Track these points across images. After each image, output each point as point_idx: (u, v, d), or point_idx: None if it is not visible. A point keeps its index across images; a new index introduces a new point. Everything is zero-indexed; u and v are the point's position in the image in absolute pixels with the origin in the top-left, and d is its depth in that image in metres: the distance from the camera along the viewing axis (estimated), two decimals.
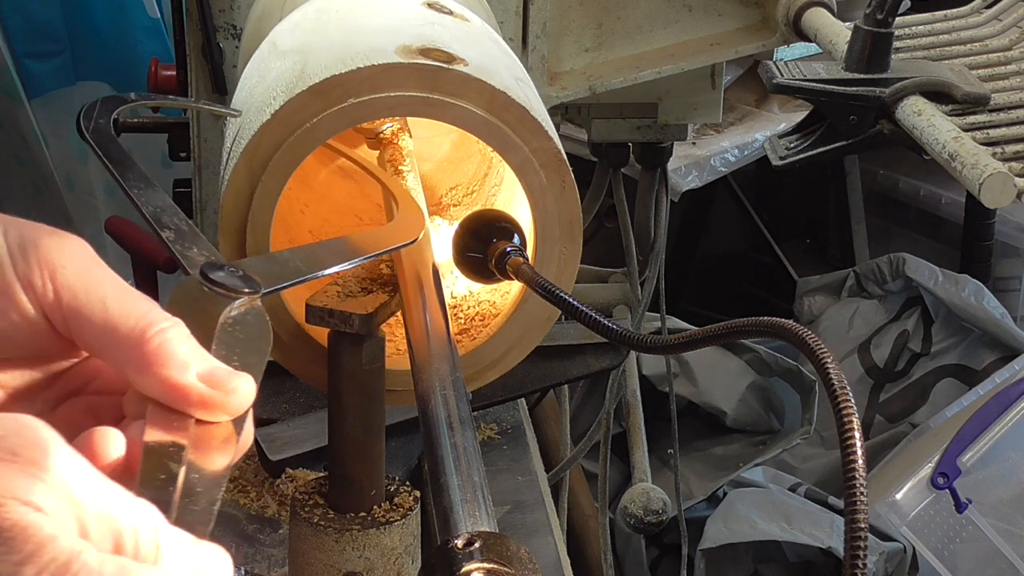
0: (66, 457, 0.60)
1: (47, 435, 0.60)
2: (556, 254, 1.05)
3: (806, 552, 2.70)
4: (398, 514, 1.12)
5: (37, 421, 0.60)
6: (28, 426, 0.60)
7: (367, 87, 0.97)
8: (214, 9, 1.51)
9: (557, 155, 1.01)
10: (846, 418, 0.75)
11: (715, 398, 2.98)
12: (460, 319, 1.13)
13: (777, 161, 1.36)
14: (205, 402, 0.68)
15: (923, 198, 3.61)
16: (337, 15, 1.09)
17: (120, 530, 0.61)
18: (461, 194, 1.25)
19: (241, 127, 1.01)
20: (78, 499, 0.59)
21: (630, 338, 0.96)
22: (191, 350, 0.67)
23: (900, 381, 3.29)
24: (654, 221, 2.04)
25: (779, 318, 0.84)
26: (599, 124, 1.87)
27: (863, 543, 0.73)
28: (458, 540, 0.77)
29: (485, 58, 1.03)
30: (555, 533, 1.58)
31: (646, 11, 1.63)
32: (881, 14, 1.29)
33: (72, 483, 0.59)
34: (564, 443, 2.26)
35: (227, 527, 1.51)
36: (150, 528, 0.62)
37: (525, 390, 1.81)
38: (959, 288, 3.20)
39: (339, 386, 1.08)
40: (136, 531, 0.61)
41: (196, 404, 0.68)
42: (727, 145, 3.15)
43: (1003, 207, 1.38)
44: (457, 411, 0.89)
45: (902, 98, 1.27)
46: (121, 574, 0.59)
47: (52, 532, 0.58)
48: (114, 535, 0.60)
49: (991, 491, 2.77)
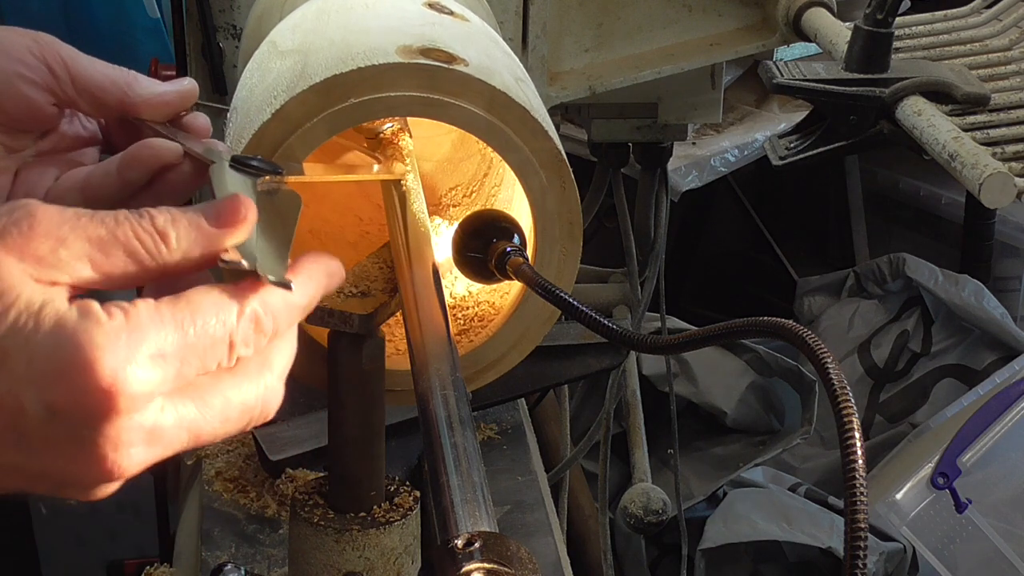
0: (52, 215, 0.72)
1: (32, 206, 0.72)
2: (556, 254, 1.05)
3: (806, 552, 2.70)
4: (398, 514, 1.12)
5: (24, 201, 0.73)
6: (15, 203, 0.72)
7: (367, 87, 0.97)
8: (214, 9, 1.51)
9: (557, 155, 1.01)
10: (846, 418, 0.75)
11: (715, 398, 2.98)
12: (460, 319, 1.13)
13: (777, 161, 1.36)
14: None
15: (923, 198, 3.61)
16: (337, 15, 1.09)
17: (121, 241, 0.73)
18: (461, 194, 1.25)
19: (241, 126, 1.01)
20: (72, 243, 0.72)
21: (630, 338, 0.96)
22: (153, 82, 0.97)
23: (900, 381, 3.29)
24: (654, 221, 2.04)
25: (779, 318, 0.84)
26: (599, 124, 1.86)
27: (863, 543, 0.73)
28: (458, 540, 0.77)
29: (485, 58, 1.03)
30: (555, 533, 1.58)
31: (646, 11, 1.63)
32: (881, 14, 1.29)
33: (62, 232, 0.72)
34: (564, 443, 2.26)
35: (227, 527, 1.51)
36: (147, 223, 0.74)
37: (525, 390, 1.81)
38: (959, 288, 3.20)
39: (339, 386, 1.08)
40: (136, 234, 0.73)
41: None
42: (727, 145, 3.14)
43: (1003, 207, 1.38)
44: (457, 411, 0.89)
45: (902, 98, 1.27)
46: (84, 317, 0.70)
47: (17, 281, 0.70)
48: (123, 249, 0.73)
49: (991, 491, 2.78)
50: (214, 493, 1.56)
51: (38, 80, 0.95)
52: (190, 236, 0.75)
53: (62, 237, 0.71)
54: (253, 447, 1.60)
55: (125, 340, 0.70)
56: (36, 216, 0.72)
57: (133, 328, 0.70)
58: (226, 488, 1.56)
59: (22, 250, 0.70)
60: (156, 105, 0.96)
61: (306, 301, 0.80)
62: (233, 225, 0.77)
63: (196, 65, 1.55)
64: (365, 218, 1.24)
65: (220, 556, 1.46)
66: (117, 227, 0.73)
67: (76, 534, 3.06)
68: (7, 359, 0.69)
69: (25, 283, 0.70)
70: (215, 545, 1.48)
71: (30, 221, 0.71)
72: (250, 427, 0.78)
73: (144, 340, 0.71)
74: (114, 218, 0.74)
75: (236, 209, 0.77)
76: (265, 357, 0.77)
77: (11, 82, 0.94)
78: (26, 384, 0.69)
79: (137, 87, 0.96)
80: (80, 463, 0.71)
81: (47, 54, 0.95)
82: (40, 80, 0.95)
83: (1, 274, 0.70)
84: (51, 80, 0.95)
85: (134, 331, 0.70)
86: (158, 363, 0.71)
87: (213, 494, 1.55)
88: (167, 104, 0.97)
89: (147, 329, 0.71)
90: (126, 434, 0.71)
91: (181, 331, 0.72)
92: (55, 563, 3.07)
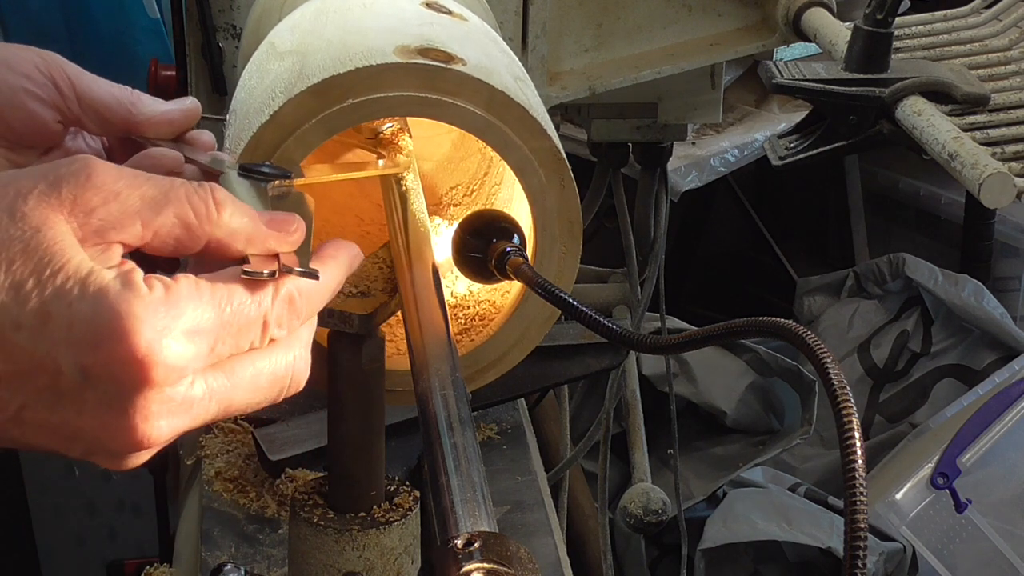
0: (110, 170, 0.75)
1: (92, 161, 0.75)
2: (556, 252, 1.05)
3: (806, 552, 2.70)
4: (398, 514, 1.12)
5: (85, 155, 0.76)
6: (76, 157, 0.75)
7: (365, 87, 0.97)
8: (214, 9, 1.51)
9: (556, 154, 1.01)
10: (846, 418, 0.75)
11: (715, 398, 2.98)
12: (460, 319, 1.13)
13: (777, 161, 1.36)
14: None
15: (923, 198, 3.61)
16: (335, 15, 1.09)
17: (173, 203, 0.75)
18: (461, 193, 1.25)
19: (240, 128, 1.01)
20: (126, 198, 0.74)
21: (630, 338, 0.96)
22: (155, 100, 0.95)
23: (900, 381, 3.29)
24: (654, 221, 2.04)
25: (779, 318, 0.84)
26: (599, 124, 1.86)
27: (863, 543, 0.73)
28: (458, 540, 0.77)
29: (484, 57, 1.02)
30: (555, 533, 1.58)
31: (646, 11, 1.63)
32: (881, 14, 1.29)
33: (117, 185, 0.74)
34: (564, 443, 2.26)
35: (227, 527, 1.51)
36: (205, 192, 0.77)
37: (525, 390, 1.81)
38: (959, 288, 3.20)
39: (339, 386, 1.08)
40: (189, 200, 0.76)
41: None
42: (727, 145, 3.14)
43: (1003, 207, 1.38)
44: (457, 411, 0.89)
45: (902, 98, 1.27)
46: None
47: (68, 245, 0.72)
48: (174, 211, 0.75)
49: (991, 491, 2.78)
50: (214, 493, 1.56)
51: (44, 97, 0.95)
52: (242, 221, 0.78)
53: (117, 191, 0.74)
54: (253, 447, 1.60)
55: (163, 313, 0.72)
56: (94, 169, 0.74)
57: (172, 302, 0.73)
58: (226, 488, 1.56)
59: (74, 202, 0.73)
60: (160, 124, 0.97)
61: (335, 284, 0.84)
62: (282, 231, 0.80)
63: (196, 65, 1.55)
64: (366, 218, 1.24)
65: (220, 556, 1.46)
66: (172, 189, 0.76)
67: (76, 534, 3.06)
68: (49, 321, 0.71)
69: (74, 247, 0.72)
70: (215, 545, 1.48)
71: (87, 172, 0.74)
72: (281, 398, 0.81)
73: (182, 315, 0.73)
74: (170, 182, 0.77)
75: (289, 220, 0.81)
76: (295, 333, 0.81)
77: (18, 98, 0.94)
78: (65, 347, 0.71)
79: (141, 106, 0.97)
80: (111, 430, 0.73)
81: (53, 71, 0.95)
82: (46, 97, 0.95)
83: (53, 236, 0.72)
84: (57, 97, 0.95)
85: (173, 305, 0.73)
86: (193, 339, 0.73)
87: (213, 494, 1.55)
88: (171, 123, 0.97)
89: (185, 304, 0.73)
90: (156, 405, 0.73)
91: (218, 309, 0.75)
92: (55, 563, 3.07)
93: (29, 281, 0.71)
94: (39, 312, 0.71)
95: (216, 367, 0.76)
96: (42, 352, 0.71)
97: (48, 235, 0.72)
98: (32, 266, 0.71)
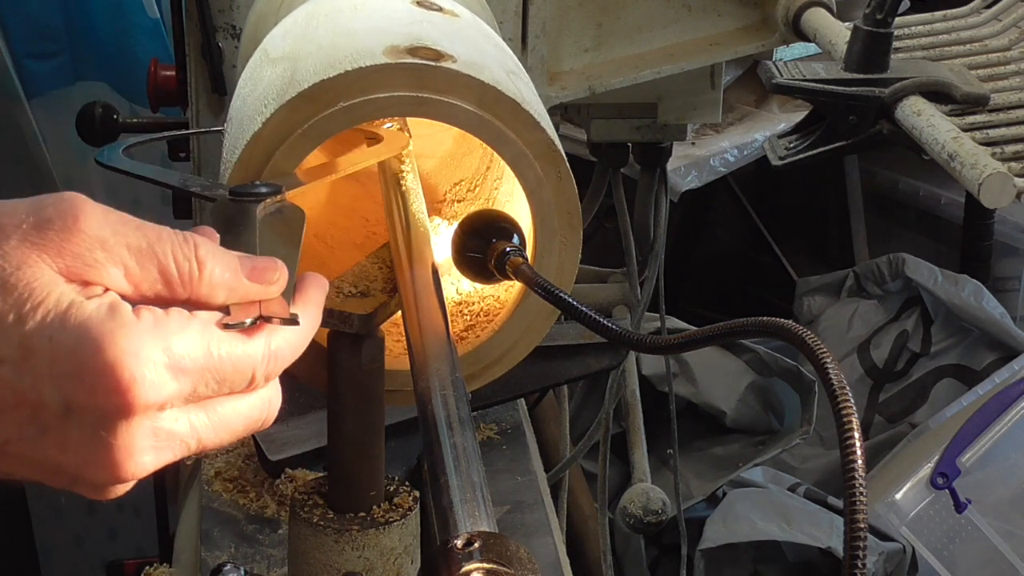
0: (97, 215, 0.73)
1: (80, 202, 0.73)
2: (557, 245, 1.05)
3: (806, 552, 2.70)
4: (398, 514, 1.12)
5: (73, 193, 0.73)
6: (62, 196, 0.73)
7: (356, 90, 0.97)
8: (214, 9, 1.51)
9: (551, 146, 1.01)
10: (846, 418, 0.75)
11: (715, 398, 2.98)
12: (466, 315, 1.13)
13: (777, 161, 1.36)
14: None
15: (923, 198, 3.61)
16: (326, 19, 1.09)
17: (156, 256, 0.74)
18: (465, 189, 1.25)
19: (236, 136, 1.02)
20: (112, 247, 0.73)
21: (630, 338, 0.96)
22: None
23: (900, 381, 3.29)
24: (653, 221, 2.04)
25: (779, 318, 0.84)
26: (599, 124, 1.86)
27: (863, 543, 0.73)
28: (458, 540, 0.77)
29: (474, 53, 1.02)
30: (555, 533, 1.58)
31: (645, 11, 1.63)
32: (880, 14, 1.29)
33: (102, 232, 0.73)
34: (564, 443, 2.26)
35: (226, 527, 1.51)
36: (188, 249, 0.75)
37: (525, 390, 1.81)
38: (959, 288, 3.20)
39: (338, 386, 1.08)
40: (174, 256, 0.75)
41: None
42: (727, 145, 3.14)
43: (1003, 207, 1.38)
44: (457, 411, 0.89)
45: (901, 98, 1.27)
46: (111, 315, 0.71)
47: (48, 281, 0.71)
48: (153, 263, 0.74)
49: (991, 491, 2.77)
50: (214, 493, 1.55)
51: None
52: (223, 277, 0.77)
53: (103, 239, 0.73)
54: (252, 447, 1.59)
55: (149, 344, 0.71)
56: (81, 212, 0.73)
57: (160, 334, 0.72)
58: (225, 488, 1.56)
59: (59, 247, 0.72)
60: None
61: (315, 325, 0.83)
62: (264, 282, 0.79)
63: (196, 65, 1.55)
64: (371, 219, 1.24)
65: (220, 556, 1.46)
66: (158, 242, 0.75)
67: (76, 534, 3.06)
68: (31, 356, 0.70)
69: (55, 282, 0.71)
70: (215, 545, 1.48)
71: (74, 214, 0.73)
72: (250, 433, 0.80)
73: (169, 349, 0.72)
74: (157, 233, 0.75)
75: (271, 270, 0.79)
76: None
77: None
78: (48, 381, 0.70)
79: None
80: (94, 463, 0.72)
81: None
82: None
83: (34, 272, 0.71)
84: None
85: (161, 337, 0.72)
86: (178, 376, 0.72)
87: (213, 494, 1.55)
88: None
89: (173, 338, 0.72)
90: (138, 439, 0.72)
91: (207, 351, 0.74)
92: (55, 563, 3.07)
93: (9, 316, 0.70)
94: (20, 347, 0.70)
95: (198, 405, 0.75)
96: (25, 386, 0.71)
97: (28, 272, 0.71)
98: (12, 301, 0.70)
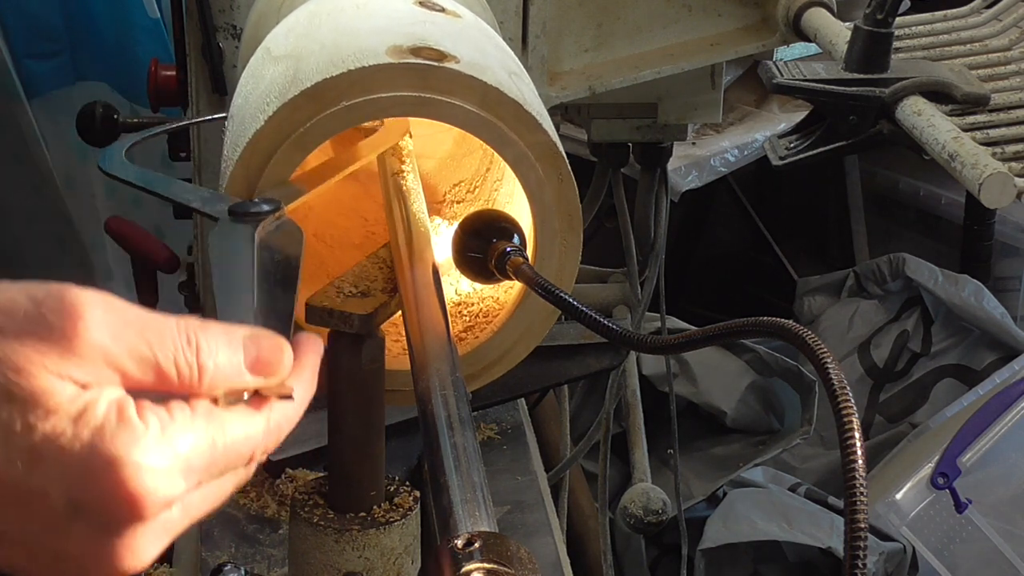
0: (97, 318, 0.72)
1: (81, 301, 0.71)
2: (557, 246, 1.05)
3: (806, 552, 2.70)
4: (398, 514, 1.12)
5: (74, 290, 0.72)
6: (63, 296, 0.72)
7: (359, 89, 0.97)
8: (214, 9, 1.51)
9: (553, 148, 1.01)
10: (846, 418, 0.75)
11: (715, 398, 2.98)
12: (465, 316, 1.13)
13: (777, 161, 1.36)
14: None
15: (923, 198, 3.61)
16: (329, 18, 1.09)
17: (158, 363, 0.73)
18: (464, 190, 1.25)
19: (237, 134, 1.01)
20: (111, 352, 0.72)
21: (630, 338, 0.96)
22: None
23: (900, 381, 3.29)
24: (654, 221, 2.04)
25: (779, 318, 0.84)
26: (599, 124, 1.86)
27: (863, 543, 0.73)
28: (458, 540, 0.77)
29: (477, 54, 1.02)
30: (555, 533, 1.58)
31: (646, 11, 1.63)
32: (881, 14, 1.29)
33: (103, 339, 0.71)
34: (564, 443, 2.26)
35: (227, 527, 1.51)
36: (191, 353, 0.74)
37: (525, 390, 1.81)
38: (959, 288, 3.20)
39: (339, 386, 1.08)
40: (175, 361, 0.73)
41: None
42: (727, 145, 3.14)
43: (1003, 207, 1.38)
44: (457, 411, 0.89)
45: (902, 98, 1.27)
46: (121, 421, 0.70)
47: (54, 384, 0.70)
48: (154, 369, 0.73)
49: (991, 491, 2.77)
50: None
51: None
52: (223, 374, 0.76)
53: (105, 349, 0.72)
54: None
55: (159, 454, 0.71)
56: (81, 319, 0.71)
57: (168, 440, 0.72)
58: None
59: (59, 354, 0.71)
60: None
61: (309, 393, 0.83)
62: (266, 375, 0.78)
63: (196, 65, 1.55)
64: (371, 219, 1.24)
65: (220, 556, 1.46)
66: (160, 347, 0.74)
67: None
68: (41, 462, 0.70)
69: (64, 387, 0.71)
70: (215, 545, 1.48)
71: (73, 321, 0.71)
72: None
73: (177, 454, 0.72)
74: (159, 335, 0.74)
75: (275, 364, 0.78)
76: None
77: None
78: (57, 483, 0.70)
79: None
80: (97, 560, 0.73)
81: None
82: None
83: (40, 374, 0.70)
84: None
85: (169, 443, 0.72)
86: (187, 476, 0.73)
87: None
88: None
89: (181, 442, 0.72)
90: (144, 539, 0.73)
91: (212, 445, 0.74)
92: None
93: (16, 424, 0.70)
94: (30, 452, 0.70)
95: (197, 489, 0.76)
96: (33, 485, 0.70)
97: (31, 380, 0.70)
98: (19, 408, 0.70)
